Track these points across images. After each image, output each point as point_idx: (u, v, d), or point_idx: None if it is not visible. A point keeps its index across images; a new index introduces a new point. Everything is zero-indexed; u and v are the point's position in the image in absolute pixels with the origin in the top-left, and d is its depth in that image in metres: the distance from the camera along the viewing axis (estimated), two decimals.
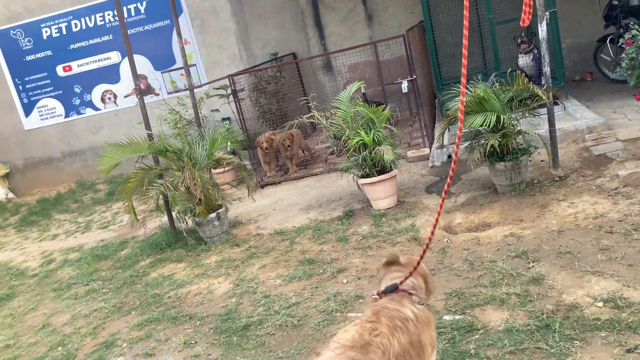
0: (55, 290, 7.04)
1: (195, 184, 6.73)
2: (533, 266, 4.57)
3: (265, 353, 4.34)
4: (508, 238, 5.23)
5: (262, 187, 9.37)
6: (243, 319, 4.99)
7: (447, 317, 4.13)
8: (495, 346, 3.67)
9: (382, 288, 3.04)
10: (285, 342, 4.43)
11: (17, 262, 8.79)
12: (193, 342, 4.83)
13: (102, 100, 12.38)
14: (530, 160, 6.60)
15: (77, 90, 12.42)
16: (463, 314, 4.15)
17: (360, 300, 4.79)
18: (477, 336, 3.85)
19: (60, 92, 12.50)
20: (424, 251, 3.01)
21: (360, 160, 6.77)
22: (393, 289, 2.98)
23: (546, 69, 6.38)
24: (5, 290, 7.51)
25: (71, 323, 5.89)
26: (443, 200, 2.98)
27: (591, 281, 4.13)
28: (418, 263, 3.04)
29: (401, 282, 3.00)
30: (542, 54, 6.43)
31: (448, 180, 2.98)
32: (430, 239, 2.98)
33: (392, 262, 3.22)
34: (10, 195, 13.10)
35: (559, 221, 5.30)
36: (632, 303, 3.72)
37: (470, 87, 6.29)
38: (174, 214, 7.64)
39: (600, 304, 3.83)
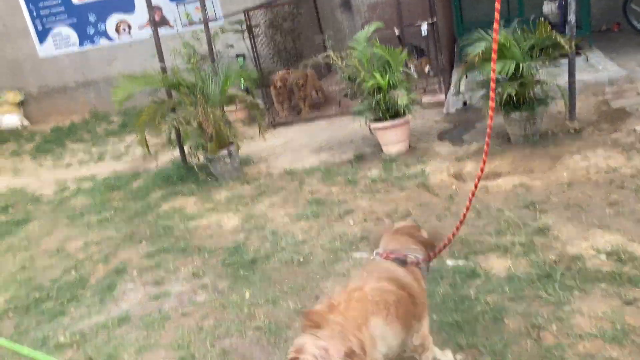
0: (69, 217, 7.21)
1: (207, 119, 6.73)
2: (540, 217, 4.59)
3: (271, 287, 4.47)
4: (517, 188, 5.23)
5: (274, 126, 9.35)
6: (250, 253, 5.11)
7: (450, 263, 4.19)
8: (495, 292, 3.74)
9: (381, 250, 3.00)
10: (291, 278, 4.55)
11: (33, 188, 8.96)
12: (201, 273, 4.97)
13: (117, 30, 12.21)
14: (546, 111, 6.49)
15: (92, 19, 12.23)
16: (466, 260, 4.21)
17: (365, 242, 4.86)
18: (478, 282, 3.92)
19: (75, 20, 12.33)
20: (462, 220, 3.06)
21: (374, 104, 6.70)
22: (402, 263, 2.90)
23: (571, 17, 6.17)
24: (21, 215, 7.69)
25: (84, 249, 6.07)
26: (484, 164, 2.97)
27: (596, 234, 4.15)
28: (458, 228, 3.08)
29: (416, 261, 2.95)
30: (568, 1, 6.19)
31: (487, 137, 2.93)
32: (470, 201, 3.01)
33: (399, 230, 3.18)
34: (25, 122, 13.18)
35: (570, 174, 5.27)
36: (635, 257, 3.75)
37: (491, 33, 6.11)
38: (185, 148, 7.68)
39: (604, 256, 3.87)
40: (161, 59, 7.67)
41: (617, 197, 4.61)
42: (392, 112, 6.70)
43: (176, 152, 8.10)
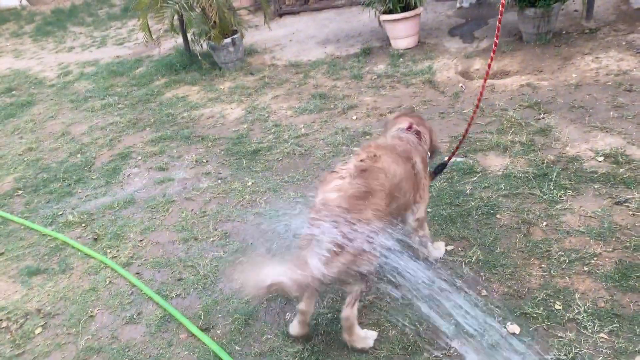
0: (73, 101, 7.21)
1: (210, 5, 6.51)
2: (543, 117, 4.57)
3: (272, 176, 4.56)
4: (524, 88, 5.16)
5: (280, 15, 9.04)
6: (253, 144, 5.16)
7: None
8: (491, 189, 3.82)
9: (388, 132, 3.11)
10: (292, 168, 4.63)
11: (35, 71, 8.88)
12: (205, 160, 5.06)
13: None
14: (562, 9, 6.23)
15: None
16: (465, 157, 4.25)
17: (367, 137, 4.89)
18: (475, 178, 3.99)
19: None
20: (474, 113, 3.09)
21: None
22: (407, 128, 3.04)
23: None
24: (25, 97, 7.69)
25: (88, 133, 6.13)
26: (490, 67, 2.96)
27: (597, 136, 4.16)
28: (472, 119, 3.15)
29: (410, 126, 3.04)
30: None
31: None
32: (479, 101, 3.06)
33: (403, 115, 3.25)
34: (24, 2, 12.79)
35: (579, 75, 5.17)
36: (633, 160, 3.78)
37: None
38: (189, 35, 7.50)
39: (601, 158, 3.90)
40: None
41: (623, 100, 4.55)
42: (404, 4, 6.45)
43: (179, 39, 7.93)
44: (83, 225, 4.39)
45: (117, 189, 4.88)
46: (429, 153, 3.16)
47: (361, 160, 2.65)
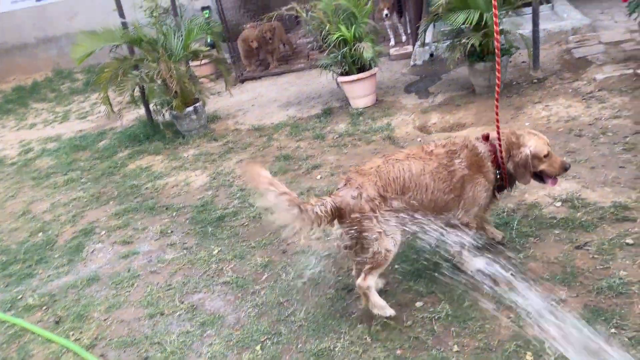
0: (35, 179, 7.11)
1: (171, 76, 6.61)
2: None
3: (239, 242, 4.52)
4: None
5: (242, 81, 9.23)
6: (218, 210, 5.14)
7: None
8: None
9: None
10: (258, 233, 4.60)
11: None
12: (169, 231, 5.00)
13: None
14: (510, 61, 6.54)
15: None
16: None
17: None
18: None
19: None
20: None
21: (340, 57, 6.65)
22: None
23: None
24: None
25: (51, 211, 6.02)
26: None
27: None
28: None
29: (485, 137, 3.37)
30: None
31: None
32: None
33: None
34: None
35: (532, 123, 5.36)
36: (588, 203, 3.88)
37: None
38: (151, 106, 7.57)
39: (559, 203, 3.99)
40: (121, 14, 7.44)
41: (574, 146, 4.72)
42: (359, 65, 6.66)
43: (141, 110, 7.98)
44: (44, 307, 4.24)
45: (80, 267, 4.76)
46: (500, 171, 3.30)
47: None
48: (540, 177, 3.35)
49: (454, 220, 3.34)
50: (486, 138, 3.37)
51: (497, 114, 3.27)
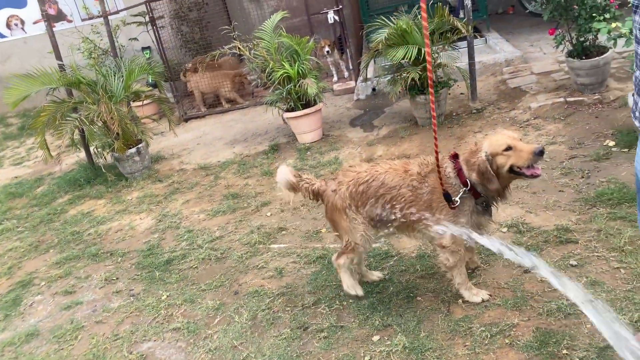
0: None
1: (112, 117, 6.45)
2: None
3: (188, 286, 4.38)
4: None
5: (186, 120, 9.13)
6: (166, 253, 4.98)
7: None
8: (407, 271, 3.88)
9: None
10: (209, 275, 4.48)
11: None
12: (114, 278, 4.79)
13: (8, 26, 11.41)
14: (449, 93, 6.76)
15: None
16: (380, 242, 4.31)
17: (283, 232, 4.87)
18: (391, 262, 4.04)
19: None
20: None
21: (285, 93, 6.70)
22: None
23: (468, 1, 6.43)
24: None
25: None
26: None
27: (499, 209, 4.38)
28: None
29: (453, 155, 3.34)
30: None
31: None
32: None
33: None
34: None
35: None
36: (533, 228, 4.00)
37: (394, 18, 6.27)
38: (91, 149, 7.34)
39: (505, 229, 4.10)
40: (58, 56, 7.26)
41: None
42: (304, 101, 6.73)
43: (82, 154, 7.72)
44: None
45: (17, 322, 4.47)
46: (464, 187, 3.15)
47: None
48: (518, 173, 3.05)
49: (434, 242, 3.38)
50: (454, 157, 3.29)
51: (435, 138, 3.14)
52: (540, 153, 2.93)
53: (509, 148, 3.02)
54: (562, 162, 4.88)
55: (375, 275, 3.88)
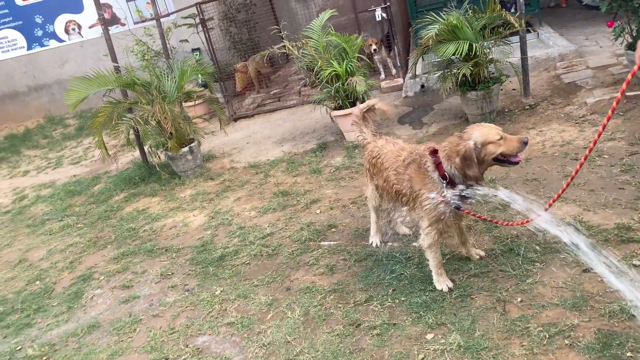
0: (30, 226, 7.03)
1: (165, 117, 6.63)
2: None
3: (241, 281, 4.46)
4: None
5: (235, 120, 9.28)
6: (218, 250, 5.08)
7: (415, 244, 4.26)
8: (460, 270, 3.83)
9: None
10: (260, 271, 4.55)
11: None
12: (170, 273, 4.93)
13: (66, 31, 11.89)
14: (501, 89, 6.62)
15: (39, 20, 11.88)
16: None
17: (333, 229, 4.89)
18: (443, 261, 3.99)
19: (21, 22, 11.95)
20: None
21: (333, 91, 6.72)
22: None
23: None
24: None
25: (47, 258, 5.93)
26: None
27: (555, 206, 4.27)
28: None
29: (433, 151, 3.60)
30: None
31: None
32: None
33: None
34: None
35: (527, 149, 5.36)
36: (591, 226, 3.88)
37: (444, 14, 6.19)
38: (146, 148, 7.57)
39: (562, 227, 3.98)
40: (114, 58, 7.51)
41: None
42: (352, 99, 6.73)
43: (136, 153, 7.97)
44: (44, 358, 4.13)
45: (80, 314, 4.66)
46: (445, 179, 3.43)
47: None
48: (502, 160, 3.40)
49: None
50: (434, 152, 3.56)
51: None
52: (526, 142, 3.36)
53: (501, 138, 3.35)
54: (622, 158, 4.71)
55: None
